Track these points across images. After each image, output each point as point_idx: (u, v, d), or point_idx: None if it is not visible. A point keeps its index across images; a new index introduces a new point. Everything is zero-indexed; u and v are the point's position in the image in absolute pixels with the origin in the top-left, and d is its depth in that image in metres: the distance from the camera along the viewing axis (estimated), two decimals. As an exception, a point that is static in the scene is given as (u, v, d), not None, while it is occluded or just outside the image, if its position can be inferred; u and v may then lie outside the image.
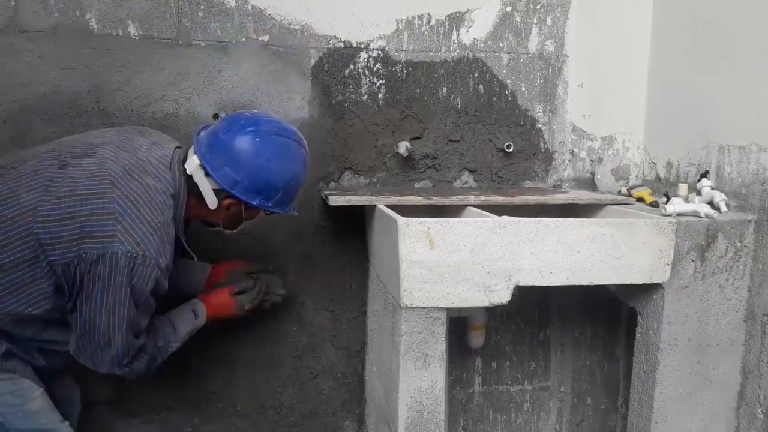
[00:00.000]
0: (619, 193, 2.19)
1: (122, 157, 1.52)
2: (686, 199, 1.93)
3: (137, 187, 1.48)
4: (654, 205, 2.04)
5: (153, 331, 1.62)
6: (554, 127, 2.29)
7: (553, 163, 2.31)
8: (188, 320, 1.74)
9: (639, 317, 1.88)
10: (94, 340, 1.48)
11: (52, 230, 1.41)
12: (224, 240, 2.07)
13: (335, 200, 1.88)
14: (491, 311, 2.22)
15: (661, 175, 2.25)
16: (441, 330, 1.67)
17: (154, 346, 1.61)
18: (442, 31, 2.17)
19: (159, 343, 1.63)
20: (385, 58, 2.14)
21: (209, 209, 1.62)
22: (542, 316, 2.36)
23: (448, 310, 1.67)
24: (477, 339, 2.23)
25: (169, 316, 1.71)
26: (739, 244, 1.81)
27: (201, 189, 1.59)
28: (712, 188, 1.91)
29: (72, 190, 1.44)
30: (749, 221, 1.81)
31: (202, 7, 2.00)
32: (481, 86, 2.22)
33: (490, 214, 1.76)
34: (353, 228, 2.13)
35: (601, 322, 2.38)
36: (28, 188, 1.45)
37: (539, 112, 2.27)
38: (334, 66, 2.11)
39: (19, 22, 1.89)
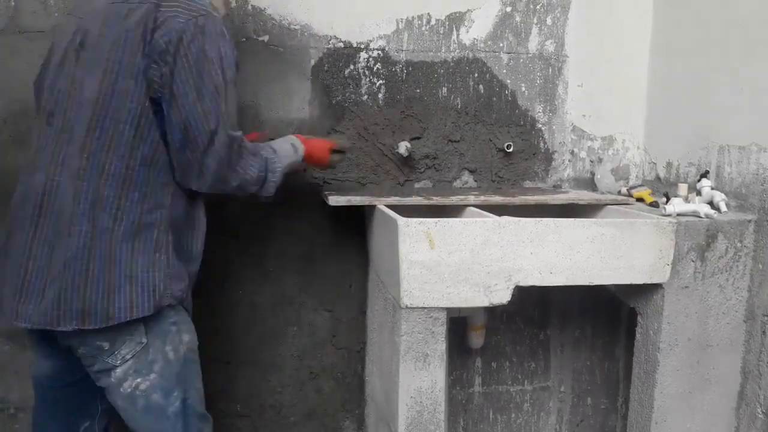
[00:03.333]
0: (619, 193, 2.19)
1: None
2: (686, 199, 1.93)
3: None
4: (654, 205, 2.04)
5: (251, 146, 1.53)
6: (554, 127, 2.29)
7: (553, 163, 2.31)
8: (287, 150, 1.67)
9: (639, 317, 1.88)
10: (194, 143, 1.39)
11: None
12: (226, 240, 2.07)
13: (335, 200, 1.88)
14: (491, 311, 2.22)
15: (661, 175, 2.25)
16: (441, 330, 1.67)
17: (259, 155, 1.54)
18: (442, 31, 2.17)
19: (263, 154, 1.55)
20: (385, 58, 2.14)
21: None
22: (542, 316, 2.36)
23: (448, 310, 1.67)
24: (477, 339, 2.23)
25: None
26: (739, 244, 1.81)
27: None
28: (712, 188, 1.91)
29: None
30: (749, 221, 1.81)
31: (202, 7, 2.00)
32: (481, 86, 2.22)
33: (490, 214, 1.76)
34: (353, 228, 2.13)
35: (601, 322, 2.38)
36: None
37: (539, 112, 2.27)
38: (334, 66, 2.11)
39: (19, 22, 1.89)
